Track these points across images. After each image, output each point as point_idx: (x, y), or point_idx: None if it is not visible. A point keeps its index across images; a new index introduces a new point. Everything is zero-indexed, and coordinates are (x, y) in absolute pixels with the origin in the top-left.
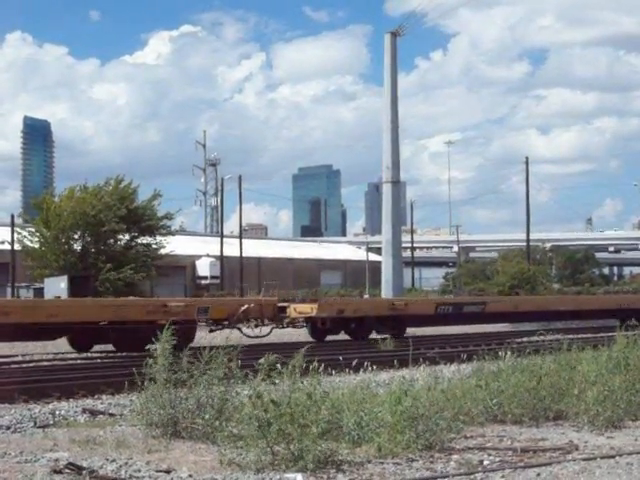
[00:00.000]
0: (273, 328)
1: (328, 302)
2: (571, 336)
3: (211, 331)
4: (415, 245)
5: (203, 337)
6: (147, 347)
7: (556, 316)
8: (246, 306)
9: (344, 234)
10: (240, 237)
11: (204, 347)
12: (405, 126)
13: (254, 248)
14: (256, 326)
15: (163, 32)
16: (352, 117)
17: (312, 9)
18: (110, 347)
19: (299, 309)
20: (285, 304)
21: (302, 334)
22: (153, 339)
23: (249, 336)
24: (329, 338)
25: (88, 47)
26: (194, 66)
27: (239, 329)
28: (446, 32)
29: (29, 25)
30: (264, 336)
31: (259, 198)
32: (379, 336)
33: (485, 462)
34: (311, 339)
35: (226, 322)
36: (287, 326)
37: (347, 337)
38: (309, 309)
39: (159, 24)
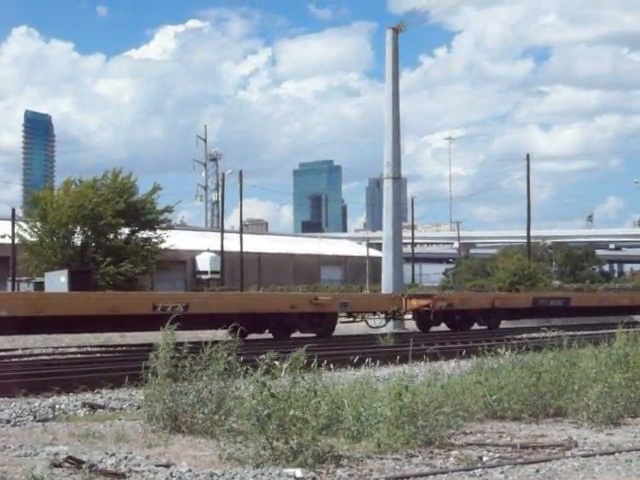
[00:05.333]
0: None
1: None
2: (571, 333)
3: None
4: (416, 241)
5: None
6: None
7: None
8: None
9: (345, 230)
10: (241, 232)
11: (205, 342)
12: (408, 123)
13: (254, 243)
14: None
15: (168, 27)
16: (355, 113)
17: (316, 6)
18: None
19: None
20: None
21: None
22: None
23: None
24: None
25: (94, 42)
26: (199, 62)
27: None
28: (450, 29)
29: (35, 20)
30: None
31: (262, 194)
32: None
33: (484, 458)
34: None
35: None
36: None
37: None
38: None
39: (165, 19)
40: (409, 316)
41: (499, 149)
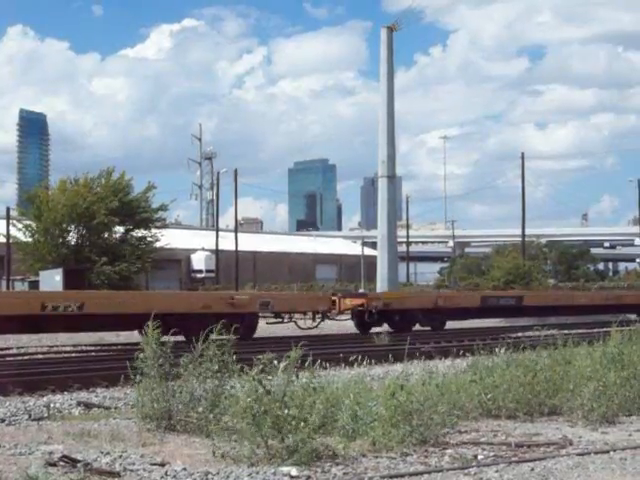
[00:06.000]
0: None
1: None
2: (566, 331)
3: None
4: (411, 240)
5: None
6: None
7: None
8: None
9: (339, 228)
10: (235, 231)
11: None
12: (403, 122)
13: (249, 242)
14: None
15: (164, 26)
16: (350, 112)
17: (312, 5)
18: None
19: None
20: None
21: None
22: None
23: None
24: None
25: (89, 41)
26: (194, 60)
27: None
28: (445, 28)
29: (31, 19)
30: None
31: (257, 192)
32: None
33: (479, 457)
34: None
35: None
36: None
37: None
38: None
39: (160, 18)
40: (346, 317)
41: (494, 148)
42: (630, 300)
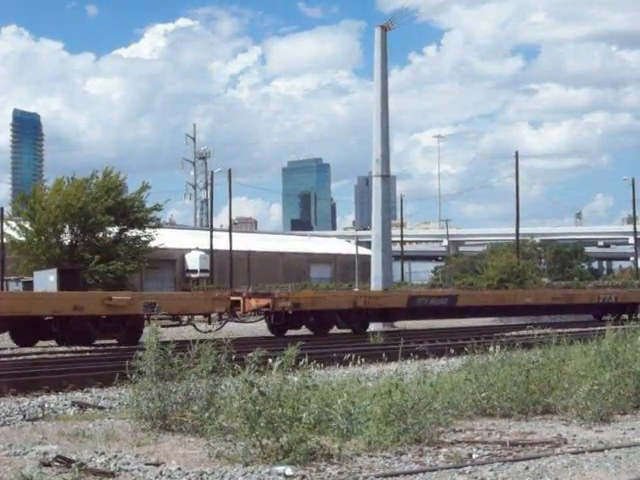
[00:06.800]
0: None
1: None
2: (560, 330)
3: None
4: (405, 239)
5: None
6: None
7: None
8: None
9: (334, 228)
10: (230, 231)
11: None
12: (398, 121)
13: (244, 242)
14: None
15: (158, 26)
16: (344, 111)
17: (306, 4)
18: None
19: None
20: None
21: None
22: None
23: None
24: None
25: (83, 41)
26: (189, 60)
27: None
28: (439, 28)
29: (25, 19)
30: None
31: (251, 192)
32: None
33: (474, 456)
34: None
35: None
36: None
37: None
38: None
39: (154, 18)
40: (254, 317)
41: (488, 147)
42: (582, 300)
